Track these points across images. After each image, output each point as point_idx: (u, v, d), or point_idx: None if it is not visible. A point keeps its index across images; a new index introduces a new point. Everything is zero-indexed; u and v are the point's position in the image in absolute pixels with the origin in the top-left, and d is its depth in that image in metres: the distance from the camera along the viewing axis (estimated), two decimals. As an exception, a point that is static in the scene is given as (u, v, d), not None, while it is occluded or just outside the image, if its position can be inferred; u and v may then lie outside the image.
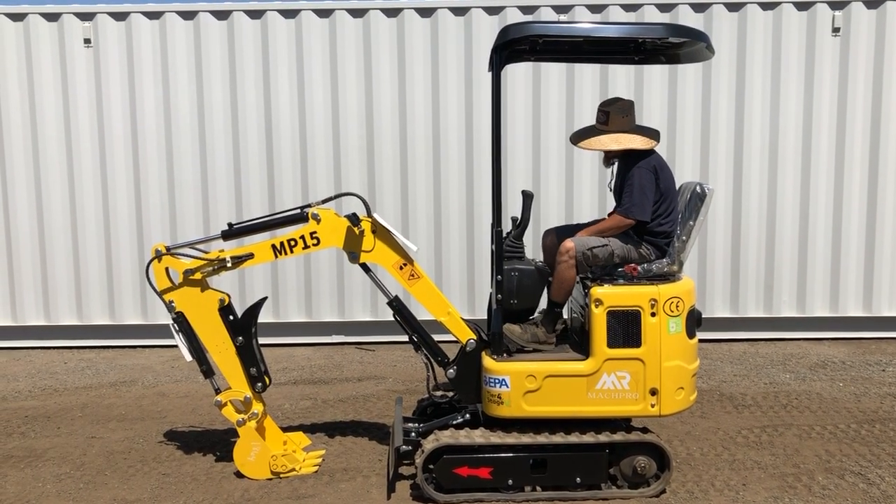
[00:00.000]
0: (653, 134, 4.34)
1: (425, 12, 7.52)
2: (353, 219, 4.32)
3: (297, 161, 7.65)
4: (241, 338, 4.48)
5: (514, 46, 4.16)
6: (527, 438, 4.06)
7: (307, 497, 4.17)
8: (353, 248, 4.39)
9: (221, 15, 7.55)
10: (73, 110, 7.63)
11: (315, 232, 4.38)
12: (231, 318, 4.48)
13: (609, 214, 4.49)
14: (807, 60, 7.54)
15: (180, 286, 4.42)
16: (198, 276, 4.41)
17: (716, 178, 7.60)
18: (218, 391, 4.49)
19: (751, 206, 7.63)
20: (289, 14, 7.53)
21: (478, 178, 7.62)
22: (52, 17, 7.58)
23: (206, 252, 4.51)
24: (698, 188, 4.25)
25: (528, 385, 4.04)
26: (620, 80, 7.55)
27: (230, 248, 4.52)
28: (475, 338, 4.33)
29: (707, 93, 7.56)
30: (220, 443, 5.00)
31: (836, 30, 7.51)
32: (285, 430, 4.86)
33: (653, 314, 4.02)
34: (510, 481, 4.07)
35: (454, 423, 4.38)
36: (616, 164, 4.49)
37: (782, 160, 7.62)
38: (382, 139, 7.63)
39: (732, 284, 7.74)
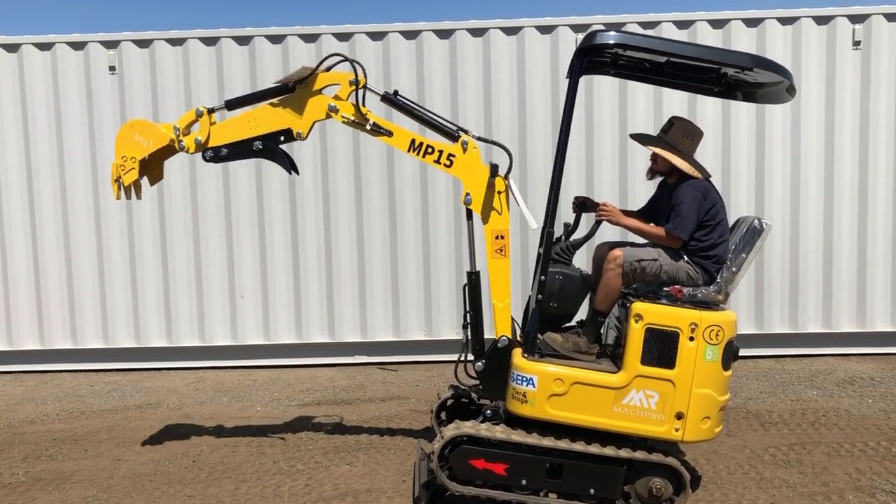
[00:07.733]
0: (702, 169, 4.36)
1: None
2: (494, 169, 4.37)
3: (319, 185, 7.72)
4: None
5: (598, 52, 4.12)
6: (547, 441, 4.02)
7: (332, 518, 4.17)
8: (477, 193, 4.41)
9: (243, 40, 7.67)
10: (98, 137, 7.75)
11: (454, 156, 4.44)
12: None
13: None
14: (827, 74, 7.51)
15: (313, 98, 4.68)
16: (338, 117, 4.63)
17: (737, 190, 7.58)
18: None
19: (773, 219, 7.54)
20: (309, 38, 7.63)
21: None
22: (78, 45, 7.74)
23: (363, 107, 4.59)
24: (756, 222, 4.27)
25: (554, 388, 4.02)
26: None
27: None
28: (509, 337, 4.33)
29: (727, 108, 7.53)
30: (244, 464, 5.02)
31: (856, 43, 7.48)
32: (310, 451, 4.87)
33: (691, 338, 3.98)
34: (524, 482, 4.02)
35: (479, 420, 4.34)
36: (659, 180, 4.53)
37: (804, 173, 7.58)
38: None
39: (756, 300, 7.67)
